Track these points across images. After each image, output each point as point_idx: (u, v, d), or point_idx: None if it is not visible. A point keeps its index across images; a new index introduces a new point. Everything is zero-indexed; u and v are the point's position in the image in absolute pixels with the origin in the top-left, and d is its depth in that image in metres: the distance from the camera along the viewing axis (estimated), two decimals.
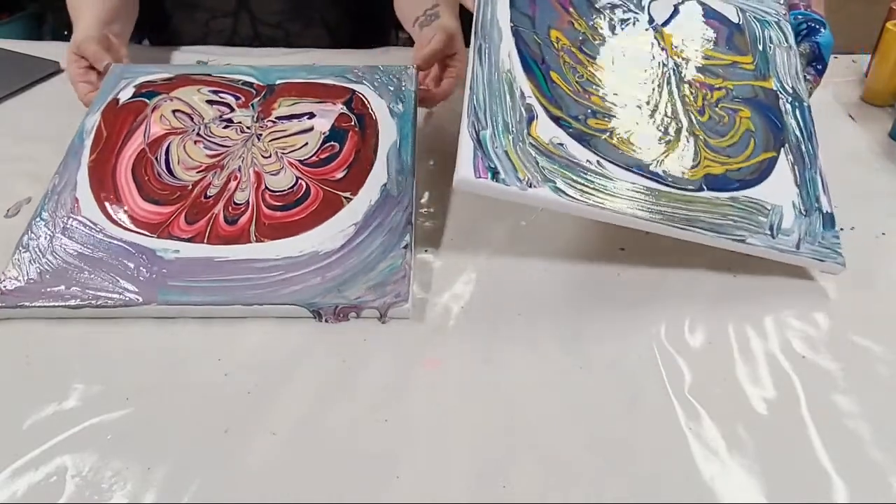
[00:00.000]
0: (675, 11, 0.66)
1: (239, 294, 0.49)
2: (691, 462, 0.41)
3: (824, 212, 0.56)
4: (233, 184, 0.56)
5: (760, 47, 0.65)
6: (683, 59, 0.62)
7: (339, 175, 0.58)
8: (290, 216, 0.55)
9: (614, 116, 0.55)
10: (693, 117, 0.58)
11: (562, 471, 0.40)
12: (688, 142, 0.56)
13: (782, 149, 0.58)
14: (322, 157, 0.59)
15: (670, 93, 0.59)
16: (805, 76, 0.66)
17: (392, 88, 0.66)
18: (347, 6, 0.92)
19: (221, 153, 0.59)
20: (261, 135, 0.61)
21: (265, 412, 0.43)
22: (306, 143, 0.60)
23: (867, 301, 0.52)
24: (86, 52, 0.69)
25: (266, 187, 0.56)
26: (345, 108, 0.63)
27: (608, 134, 0.54)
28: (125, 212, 0.54)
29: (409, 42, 0.79)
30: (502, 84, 0.53)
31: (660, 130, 0.56)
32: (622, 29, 0.62)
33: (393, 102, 0.64)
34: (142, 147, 0.59)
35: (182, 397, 0.44)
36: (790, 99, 0.62)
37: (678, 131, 0.56)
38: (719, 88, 0.61)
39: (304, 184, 0.57)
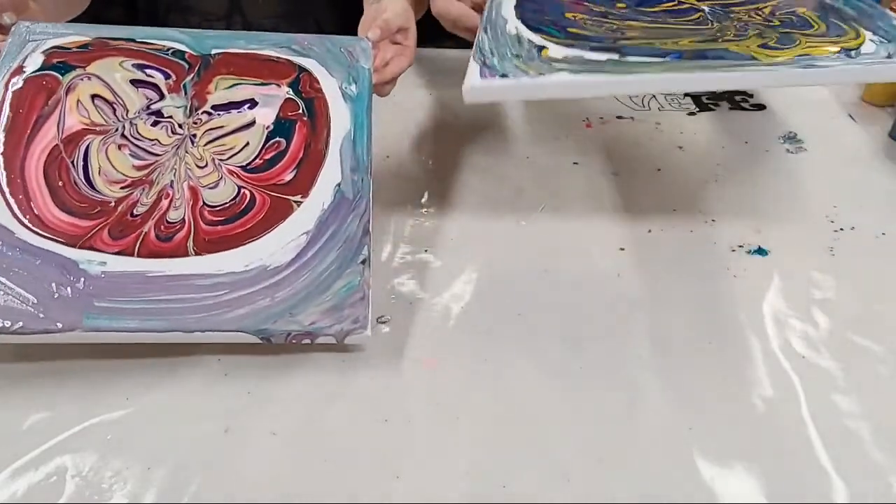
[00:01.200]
0: None
1: (178, 319, 0.44)
2: (691, 462, 0.41)
3: None
4: (164, 202, 0.48)
5: None
6: None
7: (288, 177, 0.50)
8: (233, 228, 0.48)
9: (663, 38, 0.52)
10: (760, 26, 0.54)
11: (562, 471, 0.40)
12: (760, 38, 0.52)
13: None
14: (266, 157, 0.51)
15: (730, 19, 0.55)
16: None
17: (344, 64, 0.56)
18: (342, 9, 0.92)
19: (150, 164, 0.50)
20: (195, 136, 0.52)
21: (265, 412, 0.43)
22: (247, 144, 0.52)
23: (867, 301, 0.52)
24: None
25: (204, 203, 0.49)
26: (291, 91, 0.54)
27: (634, 39, 0.51)
28: (37, 217, 0.46)
29: None
30: (508, 38, 0.52)
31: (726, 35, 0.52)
32: None
33: (346, 82, 0.55)
34: (55, 143, 0.50)
35: (182, 397, 0.44)
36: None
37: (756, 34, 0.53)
38: (767, 4, 0.58)
39: (247, 193, 0.49)
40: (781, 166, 0.66)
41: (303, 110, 0.53)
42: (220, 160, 0.51)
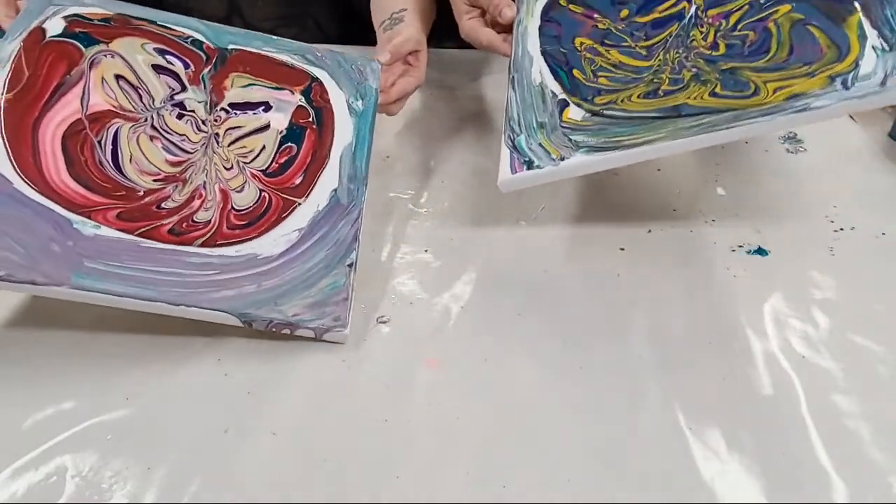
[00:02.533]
0: None
1: (165, 291, 0.45)
2: (691, 462, 0.41)
3: None
4: (196, 202, 0.49)
5: None
6: (724, 14, 0.59)
7: (298, 181, 0.52)
8: (249, 232, 0.49)
9: (619, 90, 0.57)
10: (699, 63, 0.56)
11: (562, 471, 0.40)
12: (704, 86, 0.55)
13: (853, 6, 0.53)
14: (280, 162, 0.53)
15: (678, 46, 0.58)
16: None
17: (353, 80, 0.59)
18: (341, 11, 0.92)
19: (183, 161, 0.51)
20: (218, 135, 0.53)
21: (265, 412, 0.43)
22: (263, 147, 0.53)
23: (867, 301, 0.52)
24: None
25: (232, 206, 0.50)
26: (303, 99, 0.56)
27: (613, 103, 0.56)
28: (42, 177, 0.47)
29: None
30: (534, 95, 0.58)
31: (663, 85, 0.56)
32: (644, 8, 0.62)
33: (353, 97, 0.58)
34: (78, 117, 0.50)
35: (182, 397, 0.44)
36: None
37: (692, 78, 0.56)
38: (737, 10, 0.58)
39: (266, 196, 0.51)
40: (781, 166, 0.66)
41: (313, 119, 0.56)
42: (244, 163, 0.52)
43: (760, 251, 0.56)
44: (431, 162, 0.67)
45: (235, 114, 0.55)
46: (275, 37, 0.60)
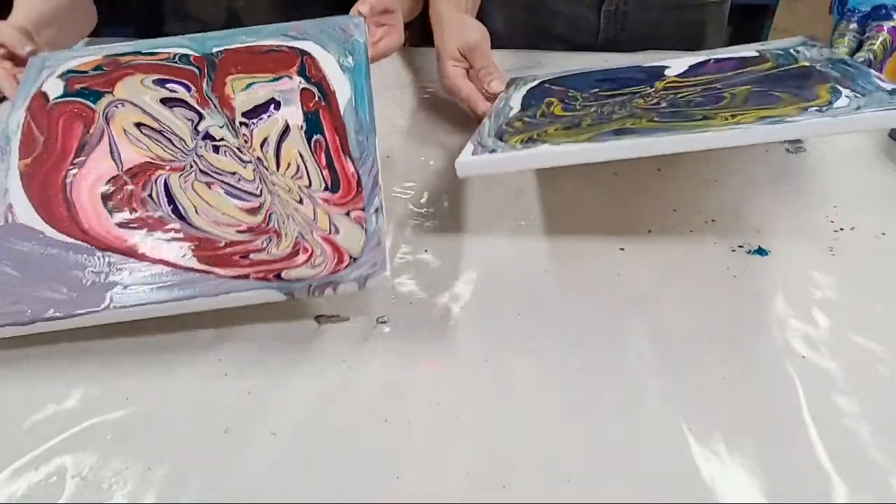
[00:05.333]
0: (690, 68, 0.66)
1: (200, 286, 0.45)
2: (691, 462, 0.41)
3: (888, 88, 0.51)
4: (302, 257, 0.47)
5: (782, 52, 0.64)
6: (672, 90, 0.61)
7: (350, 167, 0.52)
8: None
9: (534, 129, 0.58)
10: (634, 112, 0.57)
11: (562, 471, 0.40)
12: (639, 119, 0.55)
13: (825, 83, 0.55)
14: (323, 164, 0.52)
15: (614, 105, 0.60)
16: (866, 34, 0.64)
17: (339, 40, 0.59)
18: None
19: (258, 208, 0.49)
20: (261, 160, 0.52)
21: (265, 412, 0.43)
22: (300, 155, 0.52)
23: (867, 301, 0.52)
24: (2, 38, 0.61)
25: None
26: (302, 80, 0.57)
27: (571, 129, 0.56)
28: (82, 231, 0.48)
29: (407, 43, 0.79)
30: (502, 110, 0.63)
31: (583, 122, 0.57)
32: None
33: (342, 56, 0.58)
34: (115, 174, 0.51)
35: (182, 397, 0.44)
36: (828, 65, 0.59)
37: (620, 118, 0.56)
38: (688, 89, 0.60)
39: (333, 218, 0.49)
40: (781, 166, 0.66)
41: (318, 97, 0.56)
42: (306, 189, 0.51)
43: (760, 251, 0.56)
44: (431, 162, 0.67)
45: (254, 123, 0.55)
46: (253, 26, 0.61)
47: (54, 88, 0.56)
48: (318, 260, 0.46)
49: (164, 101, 0.55)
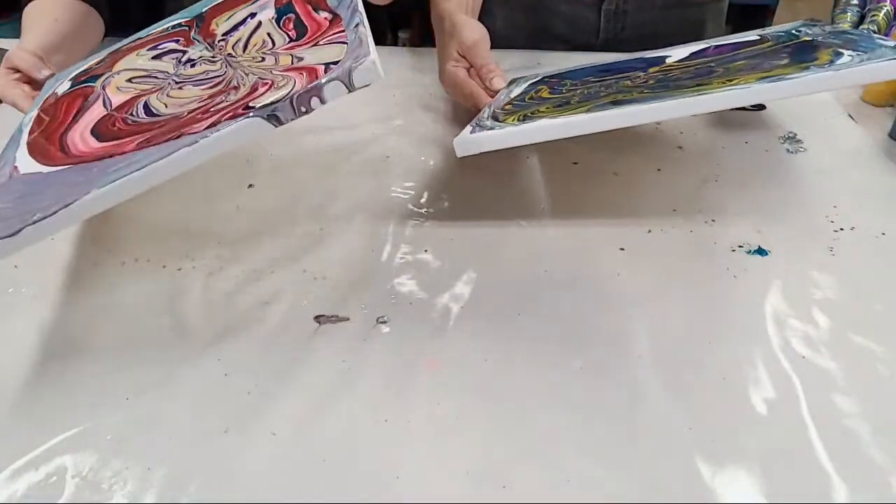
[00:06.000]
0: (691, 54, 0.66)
1: (176, 144, 0.43)
2: (691, 462, 0.41)
3: (891, 45, 0.51)
4: (262, 88, 0.46)
5: (784, 33, 0.64)
6: (663, 72, 0.61)
7: (324, 17, 0.53)
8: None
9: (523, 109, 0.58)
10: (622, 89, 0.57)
11: (562, 471, 0.40)
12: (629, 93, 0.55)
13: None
14: (290, 28, 0.53)
15: (600, 87, 0.60)
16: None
17: None
18: None
19: (220, 80, 0.51)
20: (231, 55, 0.54)
21: (265, 412, 0.43)
22: (269, 35, 0.54)
23: (867, 301, 0.52)
24: (19, 63, 0.64)
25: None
26: None
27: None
28: (68, 155, 0.48)
29: (407, 43, 0.79)
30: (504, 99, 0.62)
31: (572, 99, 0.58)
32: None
33: None
34: (105, 113, 0.52)
35: (182, 397, 0.44)
36: (830, 36, 0.58)
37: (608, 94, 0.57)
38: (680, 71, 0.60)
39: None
40: (781, 166, 0.66)
41: None
42: (270, 50, 0.52)
43: (760, 251, 0.56)
44: (431, 162, 0.67)
45: (230, 35, 0.57)
46: None
47: (63, 87, 0.59)
48: (282, 82, 0.45)
49: (154, 57, 0.58)
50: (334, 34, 0.50)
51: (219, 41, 0.57)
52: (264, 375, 0.46)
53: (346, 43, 0.47)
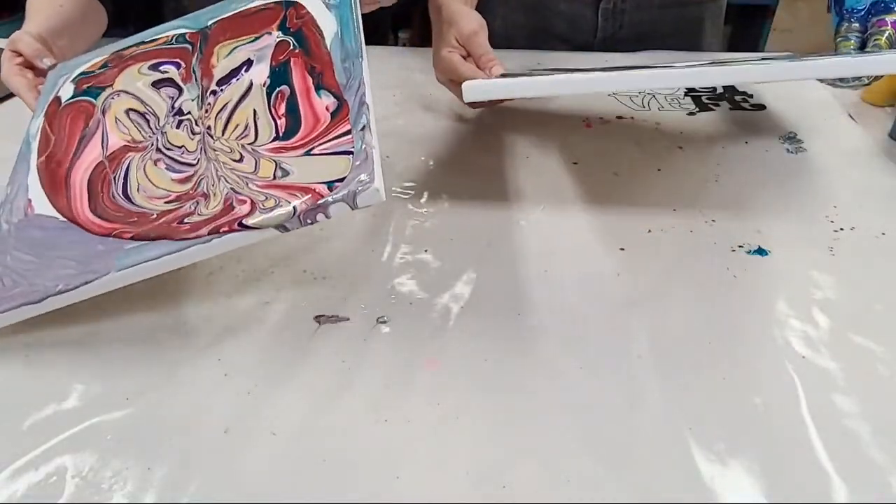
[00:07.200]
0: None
1: (195, 238, 0.45)
2: (691, 462, 0.41)
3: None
4: (240, 208, 0.46)
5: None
6: None
7: (329, 102, 0.50)
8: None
9: None
10: None
11: (561, 471, 0.40)
12: None
13: None
14: (281, 113, 0.51)
15: None
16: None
17: None
18: None
19: (191, 176, 0.50)
20: (210, 128, 0.52)
21: (265, 412, 0.43)
22: (255, 113, 0.51)
23: (867, 301, 0.52)
24: (23, 48, 0.64)
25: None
26: (280, 33, 0.56)
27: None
28: (75, 218, 0.50)
29: (407, 43, 0.79)
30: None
31: None
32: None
33: None
34: (100, 160, 0.53)
35: (182, 397, 0.44)
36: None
37: None
38: None
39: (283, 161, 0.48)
40: (781, 166, 0.66)
41: (293, 44, 0.55)
42: (249, 146, 0.50)
43: (760, 251, 0.56)
44: (431, 162, 0.67)
45: (222, 90, 0.54)
46: None
47: (66, 92, 0.59)
48: (266, 202, 0.45)
49: (154, 83, 0.57)
50: (336, 139, 0.47)
51: (211, 92, 0.54)
52: (264, 375, 0.46)
53: (351, 153, 0.46)
